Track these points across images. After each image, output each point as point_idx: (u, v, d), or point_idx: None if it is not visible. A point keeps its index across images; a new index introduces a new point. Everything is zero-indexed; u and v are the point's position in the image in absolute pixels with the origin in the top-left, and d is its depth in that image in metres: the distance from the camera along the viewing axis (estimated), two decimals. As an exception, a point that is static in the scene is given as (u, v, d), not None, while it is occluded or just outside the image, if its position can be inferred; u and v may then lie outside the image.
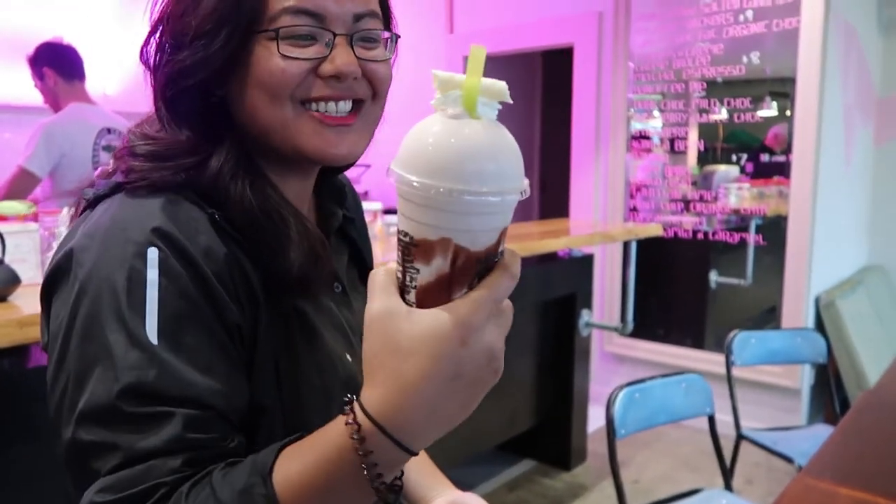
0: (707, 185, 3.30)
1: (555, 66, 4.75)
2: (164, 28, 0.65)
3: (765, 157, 3.11)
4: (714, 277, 3.35)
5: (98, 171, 0.71)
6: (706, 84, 3.23)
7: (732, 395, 2.19)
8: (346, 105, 0.67)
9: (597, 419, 2.50)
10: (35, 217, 1.68)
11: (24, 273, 1.30)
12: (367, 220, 0.92)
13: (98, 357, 0.56)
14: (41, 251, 1.47)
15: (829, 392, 2.69)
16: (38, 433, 1.17)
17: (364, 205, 0.92)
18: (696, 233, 3.35)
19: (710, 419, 1.83)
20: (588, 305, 2.84)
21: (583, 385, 2.85)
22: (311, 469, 0.52)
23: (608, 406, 1.63)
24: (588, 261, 2.86)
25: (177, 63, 0.64)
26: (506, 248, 0.50)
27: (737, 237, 3.23)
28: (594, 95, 3.57)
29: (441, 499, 0.83)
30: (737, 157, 3.20)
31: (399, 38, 0.72)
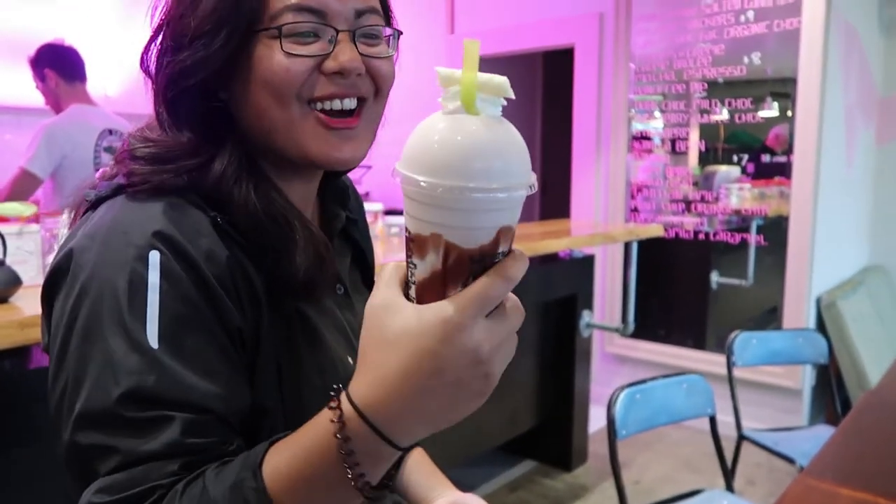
0: (708, 186, 3.30)
1: (556, 67, 4.75)
2: (165, 31, 0.65)
3: (766, 158, 3.11)
4: (715, 278, 3.35)
5: (99, 173, 0.71)
6: (707, 84, 3.23)
7: (734, 396, 2.19)
8: (351, 102, 0.66)
9: (598, 420, 2.49)
10: (36, 218, 1.68)
11: (25, 274, 1.30)
12: (369, 221, 0.92)
13: (97, 360, 0.56)
14: (42, 253, 1.47)
15: (831, 392, 2.69)
16: (39, 434, 1.17)
17: (365, 206, 0.92)
18: (698, 233, 3.35)
19: (712, 420, 1.83)
20: (589, 306, 2.84)
21: (584, 386, 2.85)
22: (298, 459, 0.53)
23: (609, 407, 1.63)
24: (589, 261, 2.86)
25: (177, 64, 0.64)
26: (513, 251, 0.49)
27: (738, 238, 3.23)
28: (595, 96, 3.57)
29: (442, 499, 0.83)
30: (738, 158, 3.20)
31: (401, 35, 0.72)
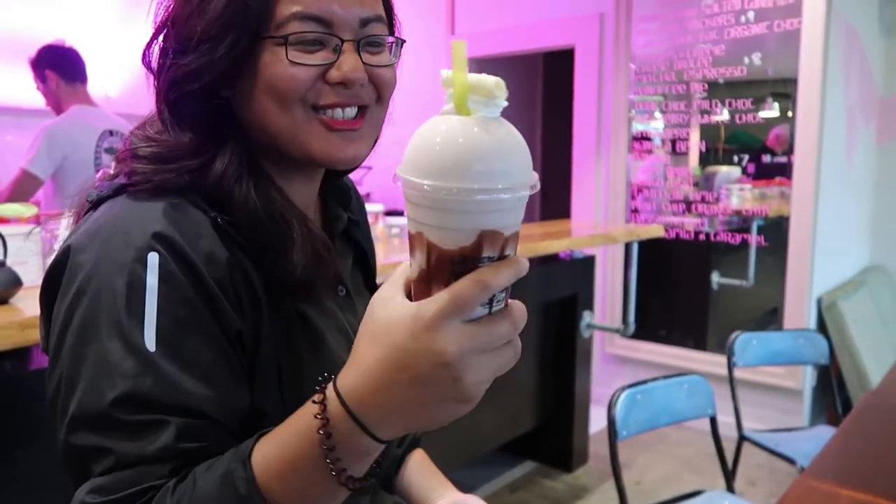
0: (709, 186, 3.30)
1: (556, 68, 4.75)
2: (169, 31, 0.65)
3: (766, 158, 3.11)
4: (716, 278, 3.35)
5: (100, 173, 0.71)
6: (707, 85, 3.23)
7: (734, 397, 2.19)
8: (352, 111, 0.67)
9: (598, 420, 2.50)
10: (37, 219, 1.68)
11: (26, 275, 1.30)
12: (370, 222, 0.92)
13: (93, 361, 0.57)
14: (43, 254, 1.47)
15: (831, 393, 2.69)
16: (40, 435, 1.17)
17: (366, 207, 0.92)
18: (698, 234, 3.34)
19: (712, 420, 1.83)
20: (589, 307, 2.83)
21: (584, 386, 2.84)
22: (285, 447, 0.53)
23: (610, 407, 1.62)
24: (589, 262, 2.86)
25: (181, 67, 0.64)
26: (507, 257, 0.48)
27: (738, 238, 3.23)
28: (595, 96, 3.57)
29: (442, 500, 0.83)
30: (738, 158, 3.20)
31: (404, 43, 0.72)
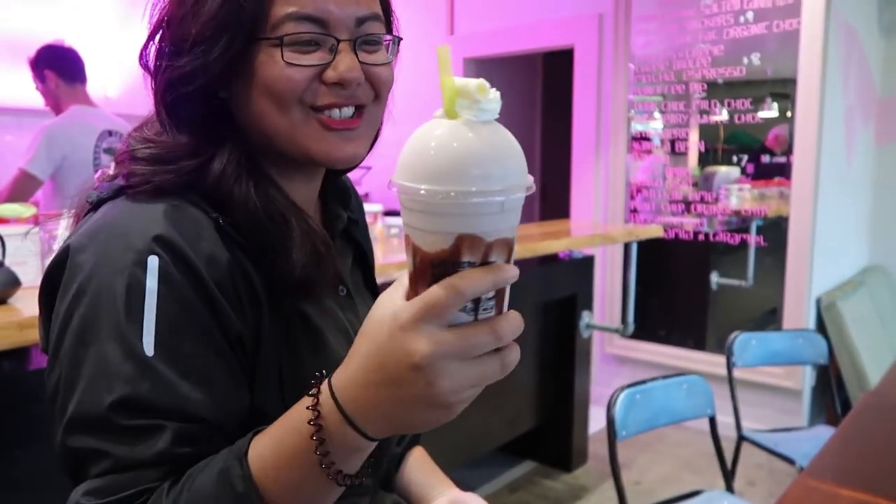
0: (708, 187, 3.30)
1: (555, 68, 4.75)
2: (164, 32, 0.65)
3: (766, 158, 3.11)
4: (715, 279, 3.35)
5: (99, 174, 0.71)
6: (707, 85, 3.23)
7: (734, 397, 2.19)
8: (350, 111, 0.67)
9: (598, 420, 2.49)
10: (36, 219, 1.68)
11: (25, 276, 1.30)
12: (368, 223, 0.92)
13: (91, 364, 0.56)
14: (41, 254, 1.47)
15: (831, 393, 2.69)
16: (39, 435, 1.17)
17: (365, 206, 0.92)
18: (697, 234, 3.35)
19: (712, 420, 1.83)
20: (589, 307, 2.83)
21: (584, 386, 2.84)
22: (280, 444, 0.54)
23: (609, 407, 1.62)
24: (589, 262, 2.86)
25: (176, 69, 0.63)
26: (489, 264, 0.47)
27: (738, 238, 3.23)
28: (595, 97, 3.57)
29: (442, 498, 0.83)
30: (737, 159, 3.20)
31: (401, 41, 0.72)
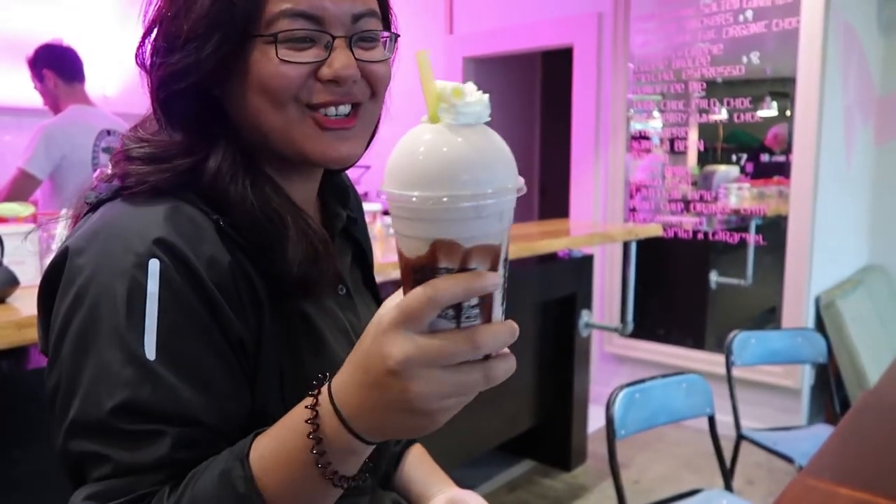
0: (707, 186, 3.30)
1: (554, 67, 4.75)
2: (158, 29, 0.65)
3: (765, 157, 3.11)
4: (714, 278, 3.35)
5: (97, 174, 0.70)
6: (706, 84, 3.23)
7: (733, 396, 2.19)
8: (346, 108, 0.66)
9: (597, 420, 2.50)
10: (34, 219, 1.68)
11: (23, 275, 1.30)
12: (367, 222, 0.92)
13: (92, 368, 0.56)
14: (40, 253, 1.47)
15: (830, 392, 2.69)
16: (38, 435, 1.17)
17: (364, 206, 0.92)
18: (696, 233, 3.35)
19: (711, 419, 1.83)
20: (588, 306, 2.83)
21: (583, 385, 2.84)
22: (280, 445, 0.54)
23: (608, 406, 1.62)
24: (588, 261, 2.86)
25: (169, 66, 0.63)
26: (462, 270, 0.46)
27: (737, 237, 3.23)
28: (594, 96, 3.57)
29: (441, 496, 0.83)
30: (737, 157, 3.20)
31: (399, 38, 0.71)
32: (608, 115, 3.53)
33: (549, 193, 4.91)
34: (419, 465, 0.89)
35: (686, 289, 3.49)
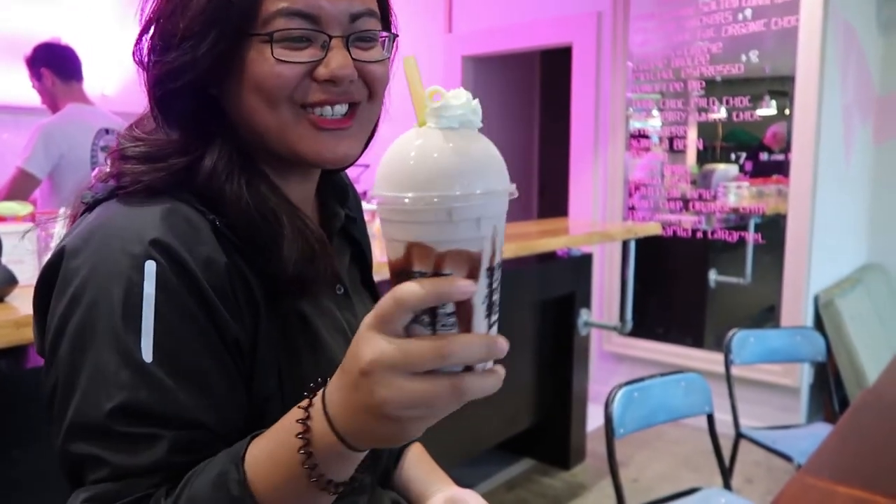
0: (706, 184, 3.30)
1: (553, 66, 4.74)
2: (155, 27, 0.64)
3: (764, 156, 3.11)
4: (713, 276, 3.35)
5: (95, 173, 0.70)
6: (705, 83, 3.23)
7: (731, 394, 2.19)
8: (343, 108, 0.66)
9: (596, 418, 2.49)
10: (32, 218, 1.68)
11: (21, 274, 1.30)
12: (366, 220, 0.92)
13: (89, 370, 0.56)
14: (38, 252, 1.46)
15: (829, 391, 2.69)
16: (36, 434, 1.17)
17: (363, 205, 0.92)
18: (695, 231, 3.35)
19: (710, 418, 1.83)
20: (587, 304, 2.84)
21: (582, 384, 2.85)
22: (273, 448, 0.53)
23: (607, 405, 1.62)
24: (587, 260, 2.86)
25: (165, 64, 0.63)
26: (435, 275, 0.46)
27: (736, 236, 3.23)
28: (593, 94, 3.56)
29: (440, 494, 0.83)
30: (736, 156, 3.20)
31: (397, 38, 0.71)
32: (607, 114, 3.53)
33: (548, 192, 4.91)
34: (418, 464, 0.89)
35: (685, 287, 3.49)
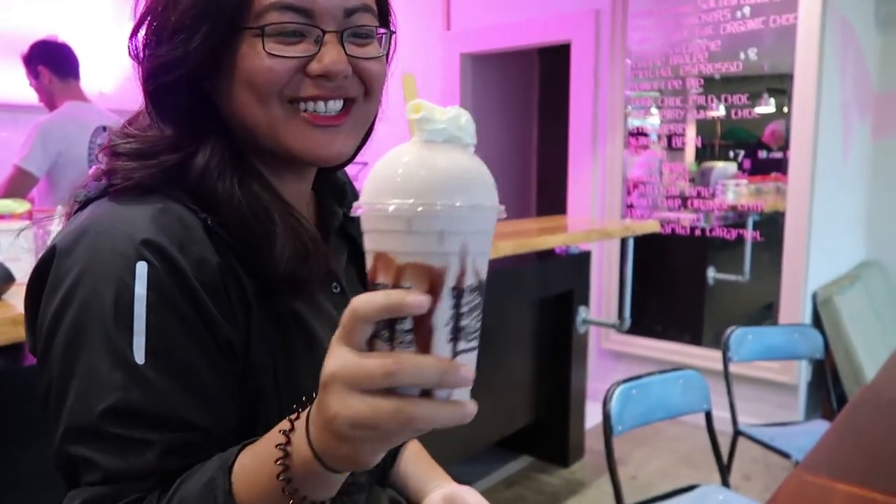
0: (704, 182, 3.30)
1: (552, 63, 4.74)
2: (149, 21, 0.64)
3: (762, 154, 3.11)
4: (711, 274, 3.35)
5: (92, 170, 0.70)
6: (704, 81, 3.23)
7: (730, 391, 2.19)
8: (337, 104, 0.65)
9: (594, 416, 2.50)
10: (30, 216, 1.68)
11: (18, 272, 1.30)
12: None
13: (81, 372, 0.56)
14: (35, 250, 1.46)
15: (827, 388, 2.69)
16: (34, 433, 1.17)
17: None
18: (694, 229, 3.35)
19: (708, 415, 1.83)
20: (585, 302, 2.84)
21: (580, 382, 2.85)
22: (258, 458, 0.53)
23: (605, 402, 1.62)
24: (585, 257, 2.86)
25: (157, 58, 0.62)
26: (399, 291, 0.44)
27: (734, 233, 3.23)
28: (591, 92, 3.56)
29: (438, 491, 0.83)
30: (734, 154, 3.20)
31: (394, 34, 0.70)
32: (606, 112, 3.53)
33: (547, 190, 4.91)
34: (416, 461, 0.89)
35: (683, 285, 3.49)
